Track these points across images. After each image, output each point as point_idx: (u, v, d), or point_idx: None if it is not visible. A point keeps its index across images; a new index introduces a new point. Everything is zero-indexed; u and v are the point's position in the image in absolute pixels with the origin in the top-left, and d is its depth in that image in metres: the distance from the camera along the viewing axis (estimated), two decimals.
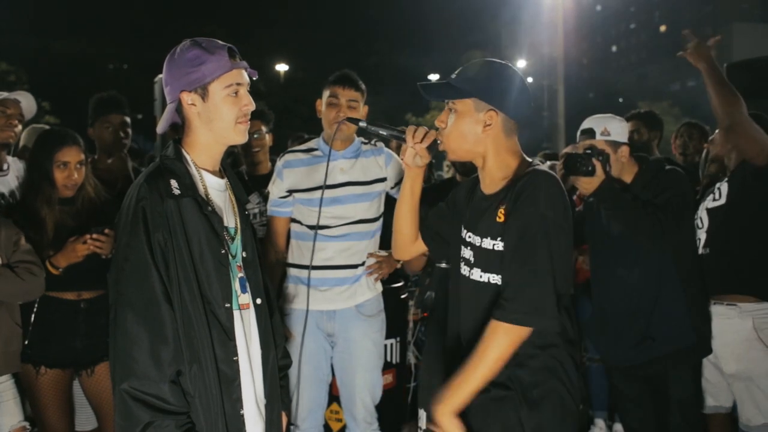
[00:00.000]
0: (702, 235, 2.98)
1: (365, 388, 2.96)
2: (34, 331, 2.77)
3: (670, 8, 48.23)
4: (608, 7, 51.63)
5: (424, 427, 2.81)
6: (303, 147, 3.03)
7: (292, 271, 2.97)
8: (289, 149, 3.11)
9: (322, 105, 2.93)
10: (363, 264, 2.94)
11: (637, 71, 49.14)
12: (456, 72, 1.94)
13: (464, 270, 1.96)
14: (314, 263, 2.89)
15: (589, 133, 2.90)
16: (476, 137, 1.88)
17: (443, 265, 2.56)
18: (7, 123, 2.98)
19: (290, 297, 2.95)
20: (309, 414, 2.93)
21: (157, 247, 1.66)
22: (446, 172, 7.14)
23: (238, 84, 1.77)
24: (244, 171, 3.71)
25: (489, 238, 1.87)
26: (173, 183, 1.73)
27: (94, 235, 2.69)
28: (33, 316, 2.77)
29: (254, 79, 1.87)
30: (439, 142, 1.96)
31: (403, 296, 3.69)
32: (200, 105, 1.76)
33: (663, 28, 51.54)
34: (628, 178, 2.89)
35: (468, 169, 3.07)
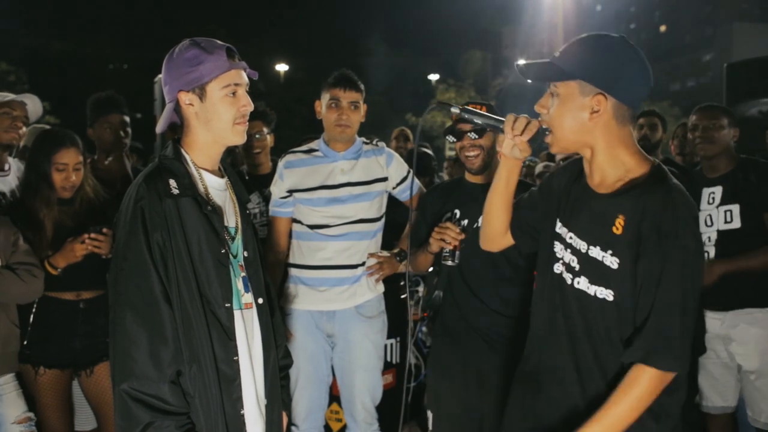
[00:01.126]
0: (710, 249, 3.03)
1: (365, 389, 2.96)
2: (34, 331, 2.76)
3: (670, 8, 48.21)
4: (608, 7, 51.58)
5: (431, 428, 2.80)
6: (304, 148, 3.03)
7: (293, 271, 2.97)
8: (291, 150, 3.12)
9: (321, 107, 2.92)
10: (363, 264, 2.93)
11: None
12: (560, 50, 1.71)
13: (566, 275, 1.74)
14: (314, 263, 2.89)
15: None
16: (582, 125, 1.65)
17: (449, 263, 2.55)
18: (12, 125, 2.98)
19: (291, 297, 2.95)
20: (309, 414, 2.93)
21: (155, 246, 1.66)
22: (446, 173, 7.05)
23: (236, 84, 1.77)
24: (245, 171, 3.71)
25: (599, 247, 1.66)
26: (172, 183, 1.72)
27: (92, 235, 2.69)
28: (32, 316, 2.77)
29: (254, 79, 1.87)
30: (547, 130, 1.73)
31: (403, 296, 3.68)
32: (198, 105, 1.76)
33: (663, 28, 51.52)
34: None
35: None
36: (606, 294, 1.66)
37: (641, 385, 1.57)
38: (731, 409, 3.12)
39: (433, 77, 36.57)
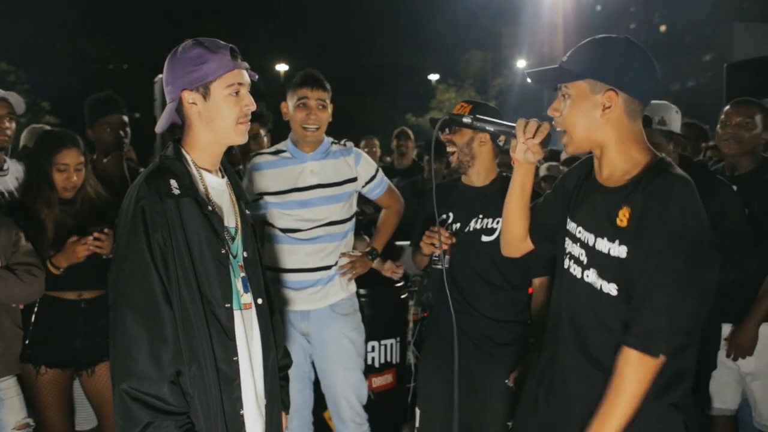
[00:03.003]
0: None
1: (347, 386, 2.93)
2: (35, 330, 2.77)
3: (670, 8, 48.18)
4: (608, 7, 51.58)
5: (418, 425, 2.81)
6: (271, 149, 3.00)
7: (269, 274, 2.97)
8: (257, 151, 3.07)
9: (288, 108, 2.89)
10: (336, 264, 2.93)
11: None
12: (567, 54, 1.75)
13: (574, 269, 1.78)
14: (288, 266, 2.89)
15: (645, 122, 2.77)
16: (595, 123, 1.68)
17: (438, 266, 2.57)
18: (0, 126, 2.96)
19: None
20: (295, 413, 2.90)
21: (156, 247, 1.66)
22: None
23: (240, 84, 1.78)
24: (241, 171, 3.71)
25: (606, 239, 1.68)
26: (173, 183, 1.72)
27: (95, 235, 2.69)
28: (33, 315, 2.77)
29: (254, 80, 1.87)
30: (561, 132, 1.77)
31: (403, 296, 3.69)
32: (201, 104, 1.76)
33: (663, 28, 51.50)
34: None
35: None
36: (610, 288, 1.68)
37: (633, 371, 1.58)
38: (730, 412, 3.10)
39: (433, 77, 36.58)
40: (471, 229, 2.64)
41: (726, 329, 2.97)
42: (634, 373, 1.58)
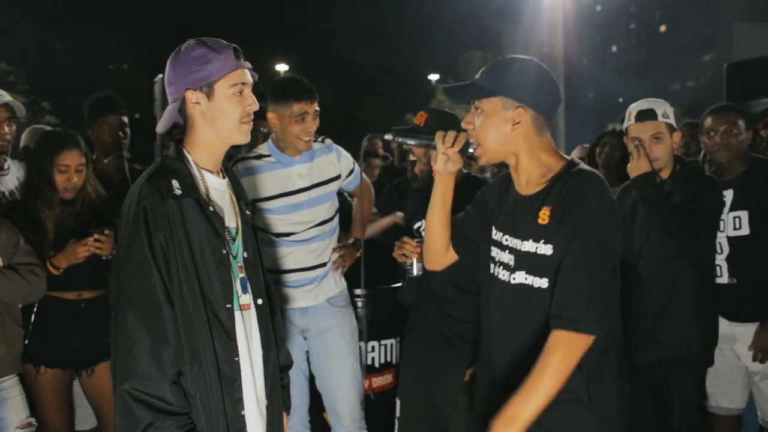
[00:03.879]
0: (722, 263, 2.99)
1: (346, 377, 2.93)
2: (35, 330, 2.77)
3: (670, 8, 48.19)
4: (608, 7, 51.57)
5: (398, 415, 2.86)
6: (253, 154, 2.95)
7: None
8: (239, 156, 3.03)
9: (279, 119, 2.80)
10: (329, 261, 2.98)
11: (637, 71, 49.17)
12: (480, 71, 1.90)
13: (501, 274, 1.89)
14: (286, 267, 2.91)
15: (649, 114, 2.77)
16: (506, 136, 1.83)
17: (413, 274, 2.60)
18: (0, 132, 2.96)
19: None
20: (295, 410, 2.87)
21: (158, 247, 1.66)
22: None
23: (243, 84, 1.78)
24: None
25: (531, 240, 1.80)
26: (174, 183, 1.72)
27: (96, 236, 2.69)
28: (33, 315, 2.77)
29: (254, 81, 1.87)
30: (472, 143, 1.91)
31: None
32: (205, 104, 1.76)
33: (663, 28, 51.50)
34: (664, 174, 2.80)
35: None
36: (541, 282, 1.79)
37: (558, 350, 1.67)
38: (737, 411, 3.09)
39: (433, 77, 36.59)
40: None
41: (723, 326, 2.97)
42: (560, 351, 1.67)
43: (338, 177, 2.99)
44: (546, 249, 1.77)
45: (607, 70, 49.42)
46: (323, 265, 2.95)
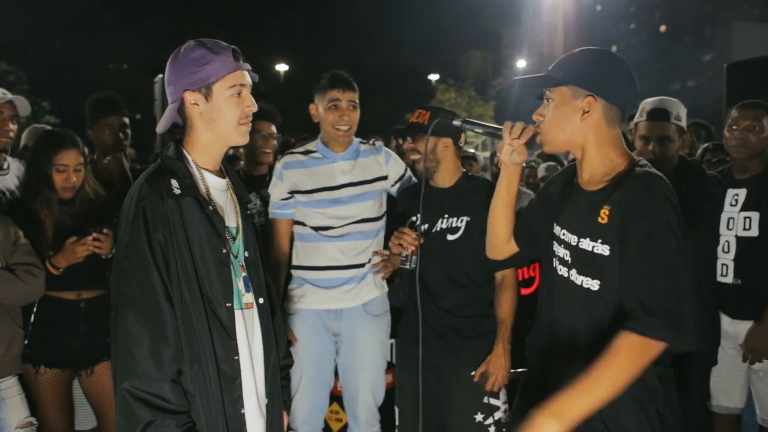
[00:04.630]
0: (728, 262, 2.97)
1: (368, 388, 2.96)
2: (34, 330, 2.77)
3: (670, 8, 48.21)
4: (608, 7, 51.61)
5: (398, 423, 2.85)
6: (301, 149, 3.04)
7: (298, 273, 2.97)
8: (288, 151, 3.11)
9: (317, 109, 2.92)
10: (369, 262, 2.94)
11: (637, 71, 49.13)
12: (553, 63, 1.87)
13: (561, 270, 1.86)
14: (319, 264, 2.90)
15: (662, 115, 2.72)
16: (574, 126, 1.79)
17: (407, 266, 2.60)
18: (2, 128, 2.97)
19: (297, 297, 2.94)
20: (309, 417, 2.92)
21: (157, 246, 1.67)
22: None
23: (242, 85, 1.78)
24: (242, 171, 3.71)
25: (588, 239, 1.76)
26: (174, 183, 1.73)
27: (95, 235, 2.69)
28: (33, 315, 2.77)
29: (255, 82, 1.87)
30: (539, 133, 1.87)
31: None
32: (203, 105, 1.77)
33: (663, 28, 51.52)
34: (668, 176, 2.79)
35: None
36: (591, 284, 1.75)
37: (627, 353, 1.58)
38: (737, 410, 3.09)
39: (433, 77, 36.59)
40: (438, 229, 2.71)
41: (725, 323, 2.97)
42: (629, 354, 1.58)
43: (384, 178, 2.99)
44: (603, 249, 1.73)
45: None
46: (360, 266, 2.92)
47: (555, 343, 1.85)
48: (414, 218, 2.77)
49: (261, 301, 1.89)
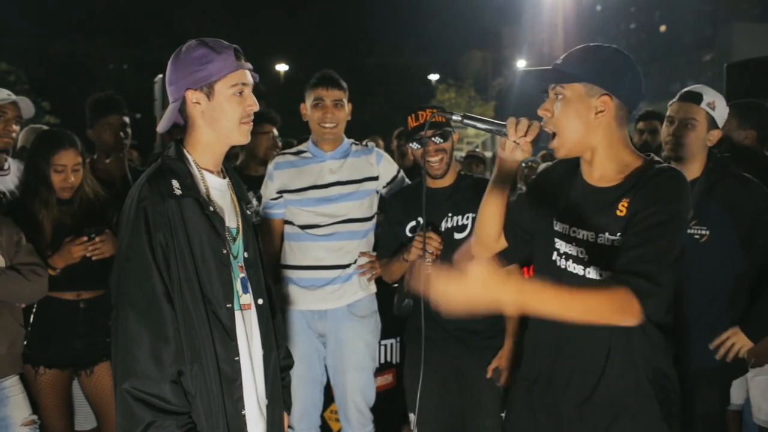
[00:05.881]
0: None
1: (356, 389, 2.96)
2: (34, 331, 2.76)
3: (670, 8, 48.21)
4: (608, 7, 51.61)
5: (413, 428, 2.82)
6: (293, 150, 3.06)
7: (286, 272, 2.98)
8: (280, 152, 3.14)
9: (306, 108, 2.94)
10: (355, 263, 2.94)
11: None
12: (561, 57, 1.80)
13: (573, 267, 1.80)
14: (305, 263, 2.91)
15: (694, 97, 2.59)
16: (588, 126, 1.73)
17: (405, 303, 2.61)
18: (5, 129, 2.97)
19: (283, 298, 2.95)
20: (303, 415, 2.93)
21: (158, 247, 1.66)
22: None
23: (244, 84, 1.78)
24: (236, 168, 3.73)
25: (607, 233, 1.72)
26: (174, 183, 1.73)
27: (91, 244, 2.70)
28: (32, 316, 2.77)
29: (255, 81, 1.87)
30: (549, 134, 1.80)
31: None
32: (205, 104, 1.77)
33: (663, 28, 51.53)
34: (695, 170, 2.56)
35: None
36: None
37: (611, 301, 1.53)
38: (736, 407, 3.09)
39: (433, 77, 36.61)
40: (443, 229, 2.70)
41: None
42: (612, 303, 1.53)
43: (374, 178, 2.99)
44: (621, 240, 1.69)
45: None
46: (345, 266, 2.92)
47: (564, 338, 1.79)
48: (414, 222, 2.76)
49: (260, 302, 1.89)
